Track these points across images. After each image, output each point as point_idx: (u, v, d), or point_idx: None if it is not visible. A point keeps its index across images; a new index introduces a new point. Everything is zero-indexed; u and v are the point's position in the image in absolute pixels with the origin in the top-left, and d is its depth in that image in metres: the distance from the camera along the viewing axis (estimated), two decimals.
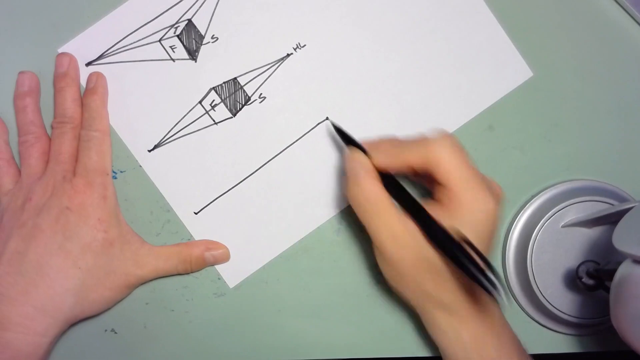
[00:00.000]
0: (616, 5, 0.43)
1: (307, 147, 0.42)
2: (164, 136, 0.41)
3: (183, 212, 0.42)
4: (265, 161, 0.42)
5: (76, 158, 0.39)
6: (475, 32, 0.42)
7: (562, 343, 0.44)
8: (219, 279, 0.42)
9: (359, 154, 0.37)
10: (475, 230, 0.34)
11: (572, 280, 0.41)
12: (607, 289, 0.34)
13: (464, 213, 0.34)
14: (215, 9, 0.41)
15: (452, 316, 0.36)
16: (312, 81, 0.42)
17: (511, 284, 0.43)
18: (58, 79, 0.40)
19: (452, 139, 0.35)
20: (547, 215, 0.41)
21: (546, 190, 0.42)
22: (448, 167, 0.34)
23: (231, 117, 0.41)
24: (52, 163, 0.39)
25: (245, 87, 0.41)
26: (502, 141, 0.43)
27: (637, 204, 0.36)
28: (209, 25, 0.41)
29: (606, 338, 0.44)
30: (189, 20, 0.41)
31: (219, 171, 0.42)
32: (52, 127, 0.40)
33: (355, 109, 0.42)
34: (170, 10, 0.41)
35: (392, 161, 0.36)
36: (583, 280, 0.40)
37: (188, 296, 0.42)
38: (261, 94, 0.41)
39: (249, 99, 0.41)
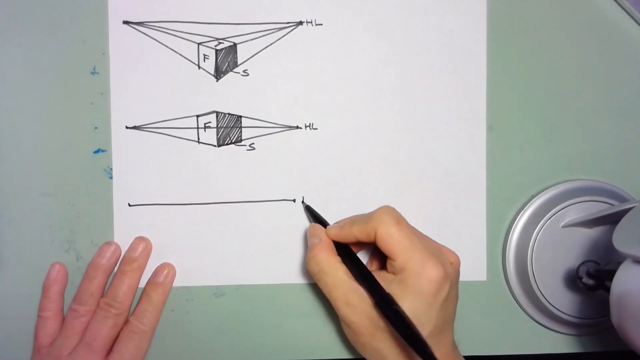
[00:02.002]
0: (616, 5, 0.43)
1: (261, 212, 0.42)
2: (148, 122, 0.41)
3: (119, 198, 0.41)
4: (219, 201, 0.42)
5: (110, 345, 0.39)
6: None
7: (562, 343, 0.44)
8: None
9: (316, 227, 0.40)
10: (424, 299, 0.35)
11: (572, 280, 0.41)
12: (607, 289, 0.34)
13: (411, 283, 0.35)
14: (261, 50, 0.41)
15: None
16: (304, 162, 0.42)
17: (511, 284, 0.43)
18: (126, 261, 0.40)
19: (391, 214, 0.37)
20: (547, 215, 0.41)
21: (546, 190, 0.42)
22: (387, 240, 0.36)
23: (214, 146, 0.41)
24: (84, 346, 0.39)
25: (243, 129, 0.41)
26: (502, 141, 0.43)
27: (637, 204, 0.36)
28: (248, 59, 0.41)
29: (606, 338, 0.44)
30: (234, 44, 0.41)
31: (174, 183, 0.41)
32: (99, 304, 0.40)
33: (330, 199, 0.42)
34: (224, 25, 0.41)
35: (345, 235, 0.38)
36: (583, 280, 0.40)
37: (188, 296, 0.42)
38: (253, 143, 0.42)
39: (241, 140, 0.41)
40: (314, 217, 0.41)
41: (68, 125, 0.41)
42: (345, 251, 0.38)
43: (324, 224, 0.40)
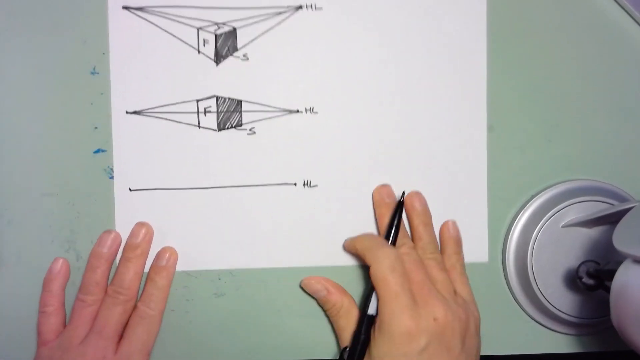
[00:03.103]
0: (616, 5, 0.43)
1: (262, 196, 0.42)
2: (148, 107, 0.41)
3: (120, 183, 0.41)
4: (220, 185, 0.42)
5: (120, 332, 0.40)
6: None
7: (562, 343, 0.44)
8: (219, 279, 0.42)
9: (317, 282, 0.42)
10: (398, 347, 0.36)
11: (572, 280, 0.41)
12: (607, 289, 0.34)
13: (385, 329, 0.37)
14: (261, 35, 0.41)
15: None
16: (305, 145, 0.42)
17: (511, 284, 0.43)
18: (129, 248, 0.41)
19: (389, 257, 0.37)
20: (547, 215, 0.41)
21: (546, 190, 0.42)
22: (377, 283, 0.37)
23: (215, 130, 0.41)
24: (94, 334, 0.39)
25: (244, 113, 0.41)
26: (502, 141, 0.43)
27: (637, 204, 0.36)
28: (247, 44, 0.41)
29: (606, 338, 0.44)
30: (234, 29, 0.41)
31: (175, 168, 0.41)
32: (106, 292, 0.40)
33: (330, 182, 0.42)
34: (223, 10, 0.41)
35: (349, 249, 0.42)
36: (583, 280, 0.40)
37: (188, 296, 0.42)
38: (253, 127, 0.42)
39: (241, 125, 0.41)
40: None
41: (68, 125, 0.41)
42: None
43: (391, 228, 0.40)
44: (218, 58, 0.41)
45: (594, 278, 0.40)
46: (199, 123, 0.41)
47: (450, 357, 0.37)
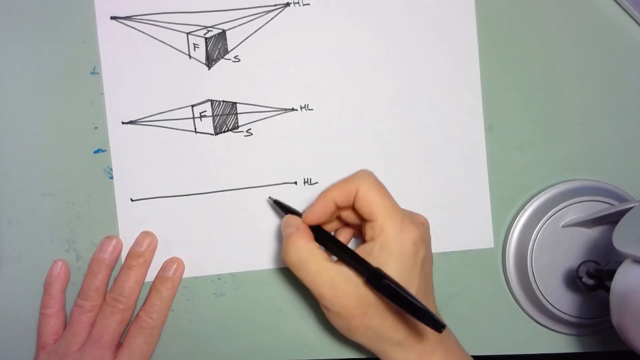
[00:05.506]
0: (616, 5, 0.43)
1: (264, 197, 0.42)
2: (144, 116, 0.41)
3: (122, 194, 0.41)
4: (220, 189, 0.42)
5: (118, 340, 0.40)
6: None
7: (562, 343, 0.44)
8: (219, 278, 0.42)
9: (291, 217, 0.38)
10: (406, 261, 0.35)
11: (572, 280, 0.41)
12: (607, 289, 0.34)
13: (392, 246, 0.35)
14: (250, 35, 0.41)
15: (408, 352, 0.36)
16: (303, 143, 0.42)
17: (511, 284, 0.43)
18: (132, 256, 0.41)
19: (372, 176, 0.37)
20: (547, 215, 0.41)
21: (546, 190, 0.42)
22: (369, 199, 0.36)
23: (212, 134, 0.41)
24: (92, 342, 0.39)
25: (239, 115, 0.41)
26: (502, 141, 0.43)
27: (637, 204, 0.36)
28: (238, 45, 0.41)
29: (606, 338, 0.44)
30: (223, 31, 0.41)
31: (175, 175, 0.41)
32: (105, 299, 0.40)
33: (331, 179, 0.42)
34: (211, 13, 0.41)
35: (322, 206, 0.37)
36: (583, 280, 0.40)
37: (188, 296, 0.42)
38: (250, 129, 0.42)
39: (237, 127, 0.41)
40: (285, 210, 0.40)
41: (68, 125, 0.41)
42: (321, 235, 0.37)
43: (295, 213, 0.39)
44: (209, 62, 0.41)
45: (594, 278, 0.40)
46: (195, 128, 0.41)
47: (430, 257, 0.38)
